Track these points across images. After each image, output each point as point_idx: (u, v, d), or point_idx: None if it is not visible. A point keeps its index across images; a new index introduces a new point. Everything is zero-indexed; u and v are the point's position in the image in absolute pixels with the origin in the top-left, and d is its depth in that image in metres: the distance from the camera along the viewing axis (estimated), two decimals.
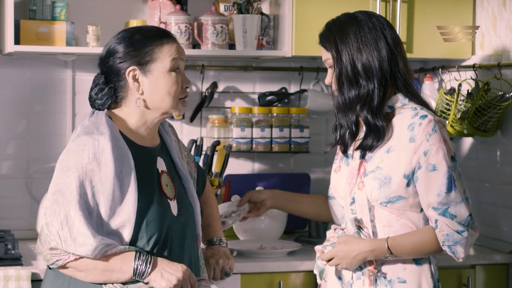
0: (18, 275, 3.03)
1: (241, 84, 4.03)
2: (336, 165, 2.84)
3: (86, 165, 2.39)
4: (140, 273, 2.39)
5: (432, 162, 2.62)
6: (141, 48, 2.50)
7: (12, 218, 3.75)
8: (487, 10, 3.75)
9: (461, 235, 2.61)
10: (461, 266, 3.44)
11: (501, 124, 3.63)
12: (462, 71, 3.78)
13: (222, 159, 3.69)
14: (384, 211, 2.68)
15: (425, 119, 2.64)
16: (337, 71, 2.69)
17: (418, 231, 2.67)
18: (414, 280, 2.69)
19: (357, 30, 2.68)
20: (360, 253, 2.65)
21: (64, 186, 2.38)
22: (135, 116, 2.53)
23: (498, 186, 3.69)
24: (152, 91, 2.50)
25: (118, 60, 2.51)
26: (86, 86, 3.78)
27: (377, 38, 2.68)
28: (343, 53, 2.68)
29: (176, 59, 2.52)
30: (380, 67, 2.66)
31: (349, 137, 2.75)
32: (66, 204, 2.37)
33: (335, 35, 2.71)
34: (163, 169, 2.57)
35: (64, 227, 2.36)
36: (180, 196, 2.59)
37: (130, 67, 2.49)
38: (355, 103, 2.68)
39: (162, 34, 2.54)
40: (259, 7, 3.75)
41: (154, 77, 2.50)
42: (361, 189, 2.68)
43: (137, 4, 3.85)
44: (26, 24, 3.51)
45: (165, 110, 2.53)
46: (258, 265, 3.29)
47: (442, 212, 2.62)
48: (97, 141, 2.41)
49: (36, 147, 3.78)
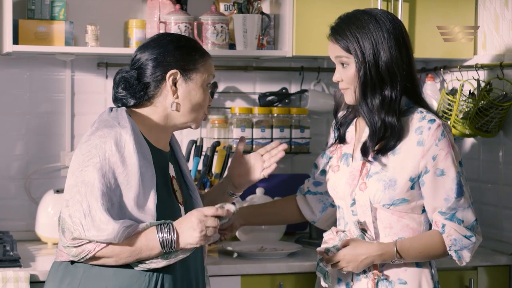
0: (17, 276, 3.02)
1: (241, 84, 4.02)
2: (333, 164, 2.81)
3: (109, 157, 2.39)
4: (168, 244, 2.38)
5: (441, 167, 2.62)
6: (187, 55, 2.53)
7: (11, 219, 3.74)
8: (489, 10, 3.74)
9: (469, 240, 2.63)
10: (463, 268, 3.42)
11: (504, 124, 3.62)
12: (464, 71, 3.77)
13: (222, 159, 3.69)
14: (386, 213, 2.67)
15: (434, 123, 2.63)
16: (361, 74, 2.63)
17: (425, 235, 2.67)
18: (415, 281, 2.69)
19: (378, 28, 2.63)
20: (368, 257, 2.63)
21: (86, 177, 2.37)
22: (156, 118, 2.53)
23: (501, 187, 3.68)
24: (186, 98, 2.53)
25: (160, 60, 2.51)
26: (85, 86, 3.82)
27: (399, 38, 2.65)
28: (367, 53, 2.62)
29: (212, 75, 2.59)
30: (403, 69, 2.64)
31: (371, 141, 2.68)
32: (89, 195, 2.36)
33: (355, 33, 2.64)
34: (173, 174, 2.57)
35: (87, 217, 2.35)
36: (187, 203, 2.59)
37: (172, 70, 2.51)
38: (380, 110, 2.64)
39: (202, 48, 2.60)
40: (259, 7, 3.74)
41: (193, 85, 2.53)
42: (363, 191, 2.66)
43: (136, 3, 3.84)
44: (25, 24, 3.51)
45: (190, 119, 2.56)
46: (258, 267, 3.28)
47: (450, 217, 2.62)
48: (119, 134, 2.41)
49: (34, 148, 3.77)
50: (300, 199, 3.01)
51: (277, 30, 3.82)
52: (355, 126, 2.80)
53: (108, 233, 2.34)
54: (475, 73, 3.68)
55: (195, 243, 2.39)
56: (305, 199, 2.99)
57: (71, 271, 2.45)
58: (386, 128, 2.64)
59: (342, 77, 2.68)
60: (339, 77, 2.69)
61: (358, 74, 2.63)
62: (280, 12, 3.78)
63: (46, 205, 3.57)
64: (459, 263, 2.66)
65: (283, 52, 3.72)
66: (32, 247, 3.52)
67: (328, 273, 2.70)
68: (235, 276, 3.23)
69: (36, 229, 3.60)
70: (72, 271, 2.45)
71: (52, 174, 3.77)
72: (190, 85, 2.52)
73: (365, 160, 2.68)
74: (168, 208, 2.48)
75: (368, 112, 2.64)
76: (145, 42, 2.58)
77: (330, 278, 2.70)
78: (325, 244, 2.73)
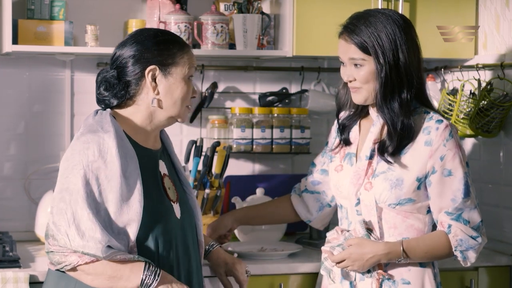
0: (16, 277, 3.02)
1: (241, 84, 4.01)
2: (336, 164, 2.80)
3: (91, 162, 2.39)
4: (147, 285, 2.37)
5: (448, 167, 2.63)
6: (165, 49, 2.52)
7: (10, 220, 3.73)
8: (490, 10, 3.73)
9: (476, 240, 2.64)
10: (464, 269, 3.41)
11: (504, 124, 3.61)
12: (465, 71, 3.76)
13: (222, 160, 3.68)
14: (391, 213, 2.67)
15: (442, 123, 2.64)
16: (382, 76, 2.61)
17: (431, 235, 2.67)
18: (418, 281, 2.69)
19: (396, 30, 2.62)
20: (375, 255, 2.63)
21: (70, 185, 2.38)
22: (140, 117, 2.53)
23: (501, 187, 3.67)
24: (168, 93, 2.52)
25: (138, 56, 2.51)
26: (85, 86, 3.82)
27: (412, 37, 2.64)
28: (387, 54, 2.60)
29: (193, 67, 2.57)
30: (416, 69, 2.63)
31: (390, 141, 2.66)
32: (73, 203, 2.37)
33: (374, 31, 2.61)
34: (165, 172, 2.56)
35: (71, 225, 2.35)
36: (182, 200, 2.58)
37: (151, 66, 2.50)
38: (400, 112, 2.64)
39: (182, 41, 2.58)
40: (259, 7, 3.74)
41: (173, 80, 2.52)
42: (369, 190, 2.66)
43: (136, 3, 3.83)
44: (24, 24, 3.50)
45: (173, 114, 2.54)
46: (258, 267, 3.27)
47: (456, 217, 2.63)
48: (102, 139, 2.41)
49: (34, 148, 3.76)
50: (295, 198, 3.01)
51: (277, 30, 3.81)
52: (358, 126, 2.79)
53: (96, 245, 2.33)
54: (476, 73, 3.67)
55: None
56: (301, 198, 2.99)
57: (65, 275, 2.45)
58: (404, 129, 2.64)
59: (355, 76, 2.65)
60: (351, 76, 2.67)
61: (378, 75, 2.61)
62: (280, 12, 3.77)
63: (46, 206, 3.56)
64: (464, 264, 2.66)
65: (283, 52, 3.71)
66: (31, 248, 3.51)
67: (332, 272, 2.70)
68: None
69: (36, 230, 3.59)
70: (66, 276, 2.45)
71: (51, 175, 3.76)
72: (170, 79, 2.51)
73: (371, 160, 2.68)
74: (159, 207, 2.47)
75: (390, 113, 2.63)
76: (124, 39, 2.57)
77: (336, 276, 2.70)
78: (329, 243, 2.73)
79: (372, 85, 2.64)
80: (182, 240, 2.53)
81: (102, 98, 2.54)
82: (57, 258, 2.40)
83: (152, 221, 2.43)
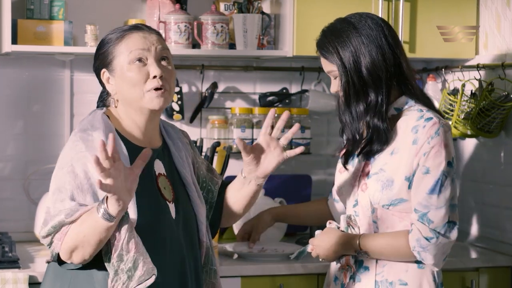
0: (16, 278, 3.01)
1: (241, 84, 4.00)
2: (340, 165, 2.80)
3: (79, 158, 2.36)
4: (109, 216, 2.23)
5: (427, 165, 2.59)
6: (104, 48, 2.50)
7: (10, 220, 3.73)
8: (491, 10, 3.72)
9: (429, 241, 2.57)
10: (465, 269, 3.42)
11: (505, 125, 3.61)
12: (466, 71, 3.75)
13: (223, 160, 3.67)
14: (387, 214, 2.66)
15: (430, 121, 2.61)
16: (343, 83, 2.64)
17: (394, 233, 2.65)
18: (416, 283, 2.66)
19: (357, 34, 2.63)
20: (333, 245, 2.67)
21: (60, 183, 2.37)
22: (124, 117, 2.51)
23: (502, 188, 3.67)
24: (120, 88, 2.47)
25: (95, 64, 2.53)
26: (85, 86, 3.81)
27: (379, 40, 2.63)
28: (347, 61, 2.62)
29: (135, 50, 2.45)
30: (386, 70, 2.62)
31: (351, 145, 2.69)
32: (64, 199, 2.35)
33: (335, 44, 2.65)
34: (161, 171, 2.53)
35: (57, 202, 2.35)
36: (180, 200, 2.56)
37: (102, 70, 2.50)
38: (364, 116, 2.64)
39: (123, 30, 2.49)
40: (259, 6, 3.73)
41: (118, 73, 2.46)
42: (364, 191, 2.66)
43: (136, 3, 3.83)
44: (24, 24, 3.50)
45: (138, 105, 2.46)
46: (259, 268, 3.27)
47: (421, 216, 2.59)
48: (90, 136, 2.40)
49: (34, 148, 3.76)
50: (331, 203, 3.02)
51: (277, 30, 3.81)
52: None
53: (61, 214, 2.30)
54: (476, 73, 3.67)
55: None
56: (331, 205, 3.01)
57: (60, 274, 2.44)
58: (372, 132, 2.63)
59: (337, 89, 2.70)
60: (335, 89, 2.71)
61: (340, 82, 2.65)
62: (281, 12, 3.77)
63: (45, 206, 3.55)
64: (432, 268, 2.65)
65: (283, 52, 3.70)
66: (31, 248, 3.50)
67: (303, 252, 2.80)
68: (235, 278, 3.22)
69: (35, 230, 3.58)
70: (61, 275, 2.44)
71: (51, 175, 3.71)
72: (117, 73, 2.46)
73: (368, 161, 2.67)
74: (152, 207, 2.44)
75: (351, 120, 2.66)
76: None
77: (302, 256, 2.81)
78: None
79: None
80: (176, 240, 2.50)
81: (98, 100, 2.59)
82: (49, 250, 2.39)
83: (142, 220, 2.41)
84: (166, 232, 2.46)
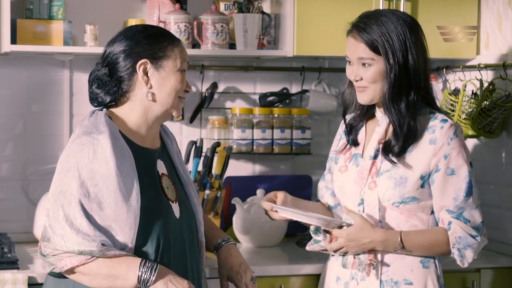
0: (15, 279, 3.01)
1: (241, 84, 3.99)
2: (340, 165, 2.79)
3: (86, 164, 2.38)
4: (145, 281, 2.36)
5: (452, 166, 2.63)
6: (155, 43, 2.51)
7: (9, 221, 3.72)
8: (492, 9, 3.72)
9: (475, 239, 2.63)
10: (466, 270, 3.41)
11: (507, 125, 3.61)
12: (467, 71, 3.75)
13: (223, 160, 3.66)
14: (395, 212, 2.67)
15: (447, 123, 2.65)
16: (392, 77, 2.60)
17: (431, 230, 2.67)
18: (421, 282, 2.68)
19: (406, 28, 2.61)
20: (372, 241, 2.62)
21: (65, 187, 2.37)
22: (136, 114, 2.52)
23: (503, 188, 3.66)
24: (161, 86, 2.51)
25: (128, 51, 2.51)
26: (84, 87, 3.77)
27: (420, 38, 2.64)
28: (397, 54, 2.59)
29: (185, 61, 2.56)
30: (423, 71, 2.63)
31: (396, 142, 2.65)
32: (67, 205, 2.36)
33: (386, 31, 2.60)
34: (163, 171, 2.55)
35: (65, 226, 2.35)
36: (182, 200, 2.57)
37: (142, 60, 2.50)
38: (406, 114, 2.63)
39: (172, 35, 2.58)
40: (260, 6, 3.73)
41: (165, 73, 2.51)
42: (373, 189, 2.66)
43: (135, 3, 3.82)
44: (23, 24, 3.49)
45: (168, 107, 2.53)
46: (259, 269, 3.25)
47: (457, 215, 2.63)
48: (96, 140, 2.40)
49: (33, 149, 3.75)
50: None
51: (277, 29, 3.80)
52: (365, 127, 2.78)
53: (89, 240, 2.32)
54: (477, 73, 3.66)
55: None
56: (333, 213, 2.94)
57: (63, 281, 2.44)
58: (410, 131, 2.64)
59: (362, 76, 2.64)
60: (358, 76, 2.65)
61: (387, 75, 2.61)
62: (281, 12, 3.76)
63: (45, 207, 3.54)
64: (461, 264, 2.65)
65: (283, 52, 3.70)
66: (30, 249, 3.50)
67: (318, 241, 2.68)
68: None
69: (34, 231, 3.57)
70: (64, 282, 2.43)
71: (50, 175, 3.66)
72: (162, 72, 2.51)
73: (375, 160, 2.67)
74: (156, 207, 2.46)
75: (397, 114, 2.63)
76: (113, 37, 2.58)
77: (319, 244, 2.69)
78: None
79: (379, 85, 2.63)
80: (180, 240, 2.51)
81: (94, 96, 2.55)
82: (51, 260, 2.38)
83: (148, 221, 2.42)
84: (170, 233, 2.47)
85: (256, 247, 3.54)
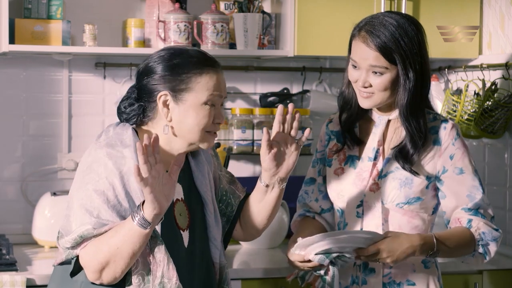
0: (13, 280, 3.00)
1: (242, 84, 3.98)
2: (335, 167, 2.75)
3: (106, 176, 2.30)
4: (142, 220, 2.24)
5: (459, 165, 2.64)
6: (178, 74, 2.37)
7: (7, 223, 3.71)
8: (495, 9, 3.71)
9: (498, 232, 2.64)
10: (468, 272, 3.40)
11: (509, 125, 3.60)
12: (469, 71, 3.74)
13: (223, 161, 3.65)
14: (397, 214, 2.66)
15: (448, 123, 2.66)
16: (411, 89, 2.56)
17: (456, 230, 2.62)
18: (423, 283, 2.68)
19: (419, 33, 2.59)
20: (411, 246, 2.53)
21: (88, 202, 2.30)
22: (161, 141, 2.38)
23: (506, 189, 3.66)
24: (181, 121, 2.38)
25: (152, 81, 2.38)
26: (83, 87, 3.78)
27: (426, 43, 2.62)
28: (413, 65, 2.55)
29: (214, 95, 2.39)
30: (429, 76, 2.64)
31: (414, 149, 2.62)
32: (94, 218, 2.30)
33: (400, 40, 2.54)
34: (179, 197, 2.46)
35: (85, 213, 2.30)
36: (194, 226, 2.49)
37: (162, 92, 2.37)
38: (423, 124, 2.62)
39: (204, 62, 2.40)
40: (260, 6, 3.73)
41: (186, 107, 2.37)
42: (375, 191, 2.64)
43: (135, 2, 3.81)
44: (21, 23, 3.48)
45: (191, 141, 2.41)
46: (259, 271, 3.25)
47: (474, 212, 2.63)
48: (120, 153, 2.33)
49: (31, 149, 3.73)
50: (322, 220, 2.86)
51: (278, 29, 3.79)
52: (358, 128, 2.75)
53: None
54: (480, 73, 3.65)
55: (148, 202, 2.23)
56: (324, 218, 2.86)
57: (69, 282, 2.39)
58: (425, 139, 2.63)
59: (372, 83, 2.58)
60: (367, 82, 2.58)
61: (405, 87, 2.56)
62: (282, 11, 3.75)
63: (43, 208, 3.53)
64: (481, 261, 2.65)
65: (284, 52, 3.68)
66: (28, 251, 3.49)
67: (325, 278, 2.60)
68: (236, 280, 3.19)
69: (33, 232, 3.56)
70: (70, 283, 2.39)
71: (49, 176, 3.74)
72: (183, 106, 2.37)
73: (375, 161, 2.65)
74: (166, 233, 2.38)
75: (416, 125, 2.60)
76: (149, 56, 2.45)
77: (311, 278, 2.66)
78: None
79: (388, 93, 2.59)
80: (187, 269, 2.44)
81: (121, 111, 2.45)
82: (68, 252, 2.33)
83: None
84: (177, 262, 2.39)
85: (258, 248, 3.52)
